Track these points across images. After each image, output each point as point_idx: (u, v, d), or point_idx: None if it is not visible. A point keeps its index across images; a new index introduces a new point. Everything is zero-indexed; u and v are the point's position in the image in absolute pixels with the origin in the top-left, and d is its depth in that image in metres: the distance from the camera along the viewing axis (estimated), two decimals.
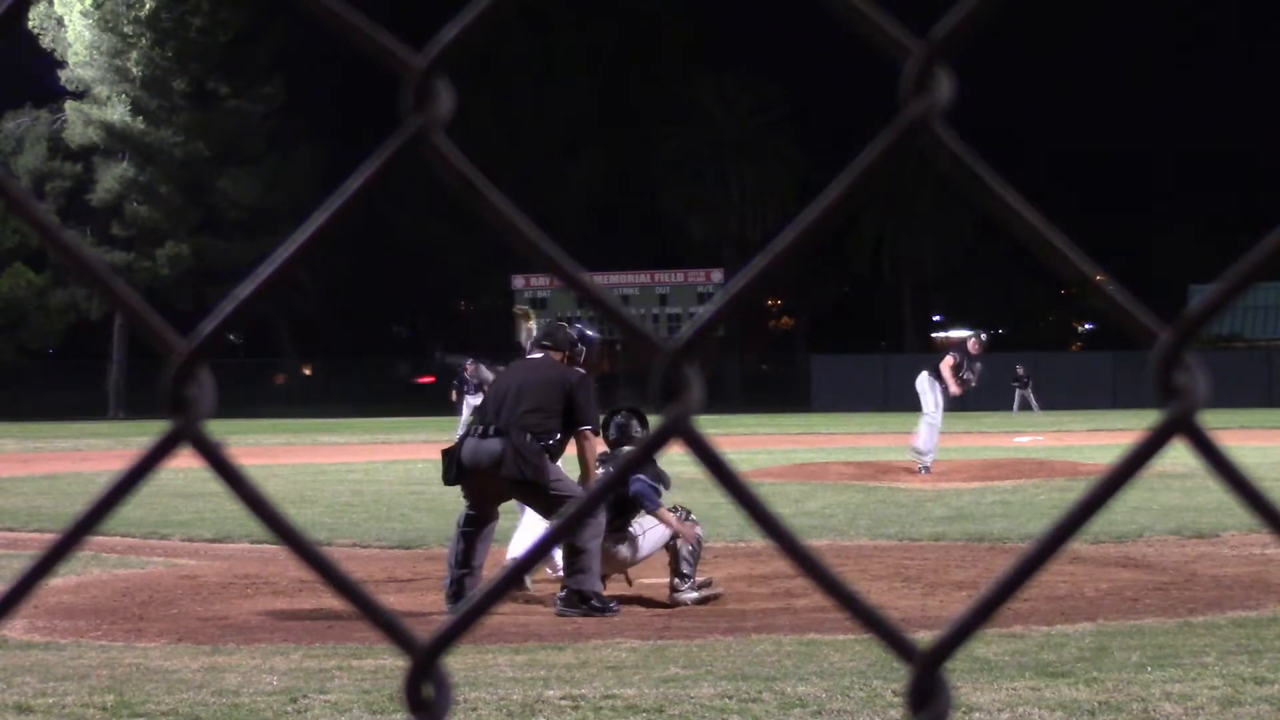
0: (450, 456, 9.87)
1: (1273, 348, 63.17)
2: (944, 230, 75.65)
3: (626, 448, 10.39)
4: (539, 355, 10.23)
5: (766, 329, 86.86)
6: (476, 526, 9.81)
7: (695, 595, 9.96)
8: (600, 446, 10.22)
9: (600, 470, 10.05)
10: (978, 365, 21.66)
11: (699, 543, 10.09)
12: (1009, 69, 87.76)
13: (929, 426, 21.62)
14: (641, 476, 9.92)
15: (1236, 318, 65.60)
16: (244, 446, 30.25)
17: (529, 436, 9.65)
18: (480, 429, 9.80)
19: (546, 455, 9.72)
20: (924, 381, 21.70)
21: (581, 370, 10.18)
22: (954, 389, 21.40)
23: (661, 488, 10.09)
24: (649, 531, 10.03)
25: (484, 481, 9.72)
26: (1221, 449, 0.85)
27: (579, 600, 9.48)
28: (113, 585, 10.96)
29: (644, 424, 10.62)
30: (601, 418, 10.46)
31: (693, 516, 10.21)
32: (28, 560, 1.00)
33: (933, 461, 21.66)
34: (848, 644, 7.88)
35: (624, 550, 10.02)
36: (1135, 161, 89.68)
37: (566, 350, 10.22)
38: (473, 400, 37.91)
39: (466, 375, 37.90)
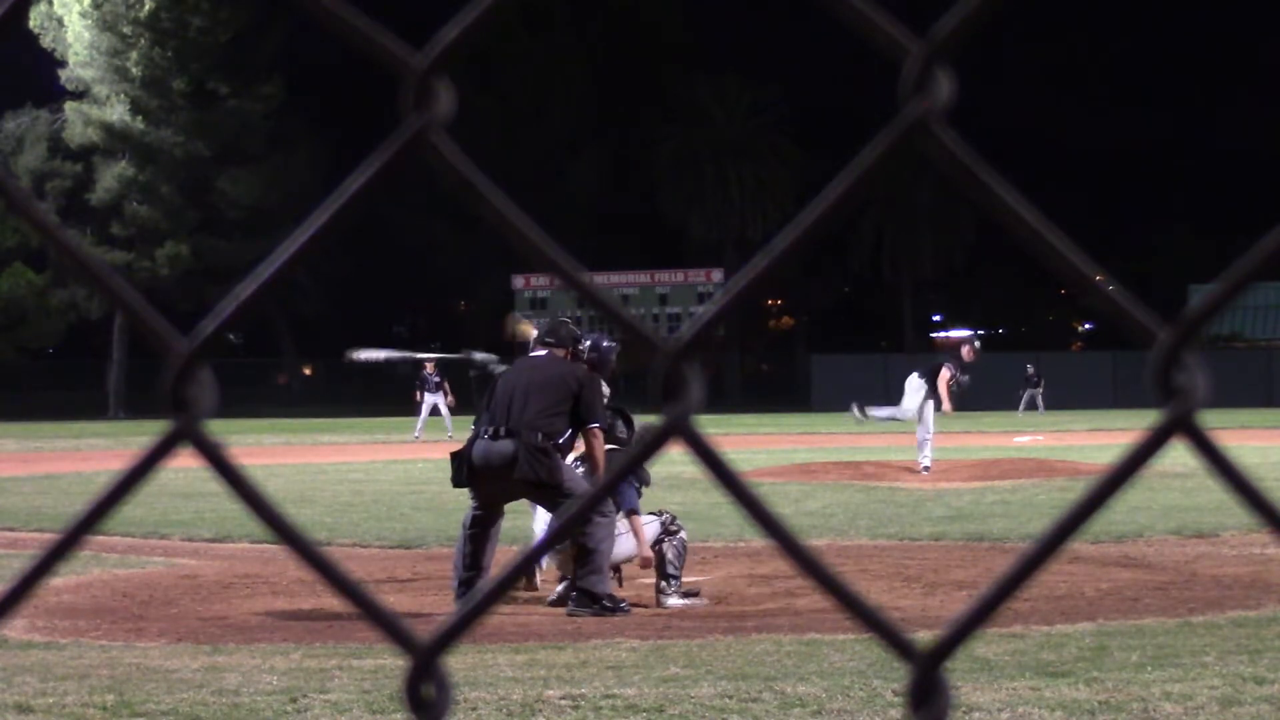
0: (459, 459, 9.80)
1: (1273, 348, 63.19)
2: (944, 230, 75.68)
3: (609, 446, 10.33)
4: (543, 353, 10.14)
5: (766, 329, 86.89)
6: (483, 528, 9.74)
7: (680, 602, 9.88)
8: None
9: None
10: (965, 378, 21.46)
11: (684, 546, 10.05)
12: (1009, 68, 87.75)
13: (919, 424, 21.63)
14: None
15: (1236, 318, 65.61)
16: (244, 446, 30.24)
17: (540, 436, 9.60)
18: (490, 430, 9.70)
19: (558, 454, 9.70)
20: (913, 383, 21.62)
21: (586, 367, 10.13)
22: (947, 407, 21.24)
23: (641, 486, 10.08)
24: (624, 536, 9.94)
25: (496, 483, 9.67)
26: (1221, 449, 0.85)
27: (590, 600, 9.46)
28: (113, 585, 10.96)
29: (629, 424, 10.56)
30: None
31: (677, 521, 10.14)
32: (28, 560, 1.00)
33: (930, 462, 21.56)
34: (848, 644, 7.87)
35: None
36: (1134, 161, 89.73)
37: (570, 347, 10.16)
38: (431, 399, 37.98)
39: (427, 374, 37.98)
